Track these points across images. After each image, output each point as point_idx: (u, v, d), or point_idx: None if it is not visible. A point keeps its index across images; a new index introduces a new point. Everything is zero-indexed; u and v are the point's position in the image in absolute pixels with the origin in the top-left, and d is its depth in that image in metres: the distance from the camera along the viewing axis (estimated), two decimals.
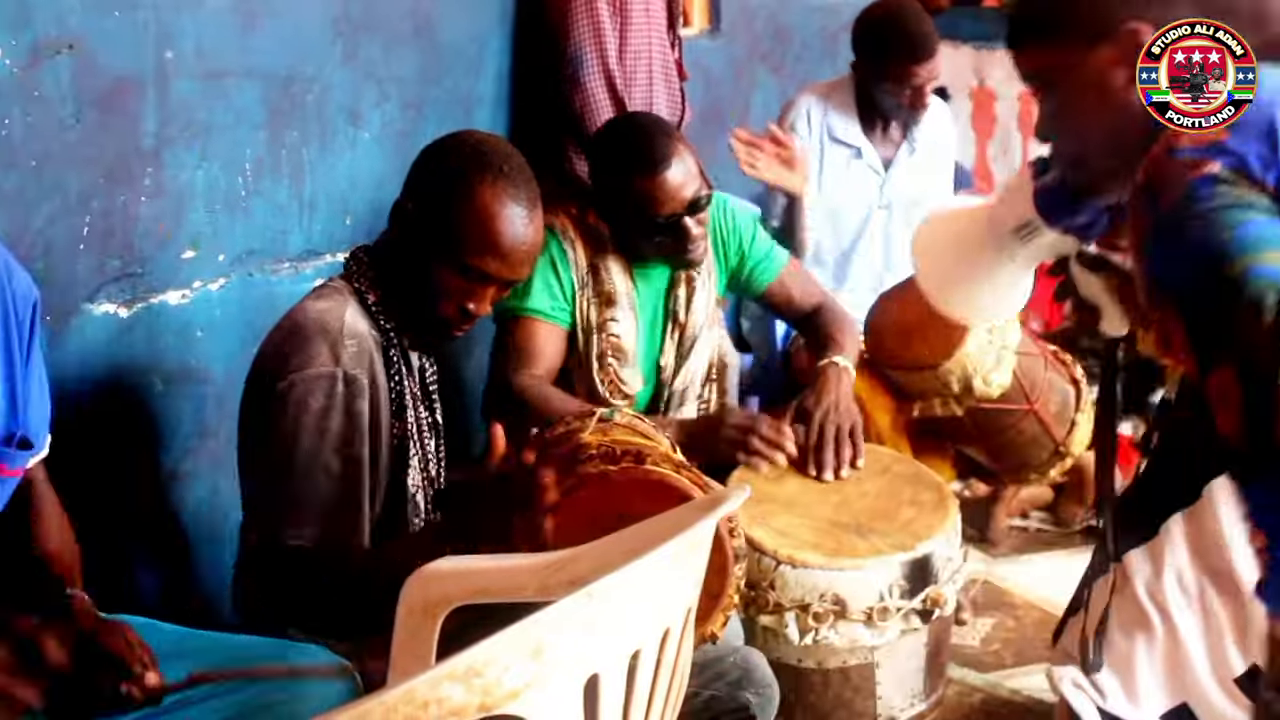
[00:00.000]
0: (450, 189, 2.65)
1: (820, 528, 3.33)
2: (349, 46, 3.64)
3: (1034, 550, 5.24)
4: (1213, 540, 3.19)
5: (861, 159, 4.84)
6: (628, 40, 4.34)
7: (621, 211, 3.54)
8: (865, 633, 3.23)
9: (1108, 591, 3.37)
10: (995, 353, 3.92)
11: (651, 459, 2.75)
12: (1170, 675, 3.24)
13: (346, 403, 2.57)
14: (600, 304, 3.59)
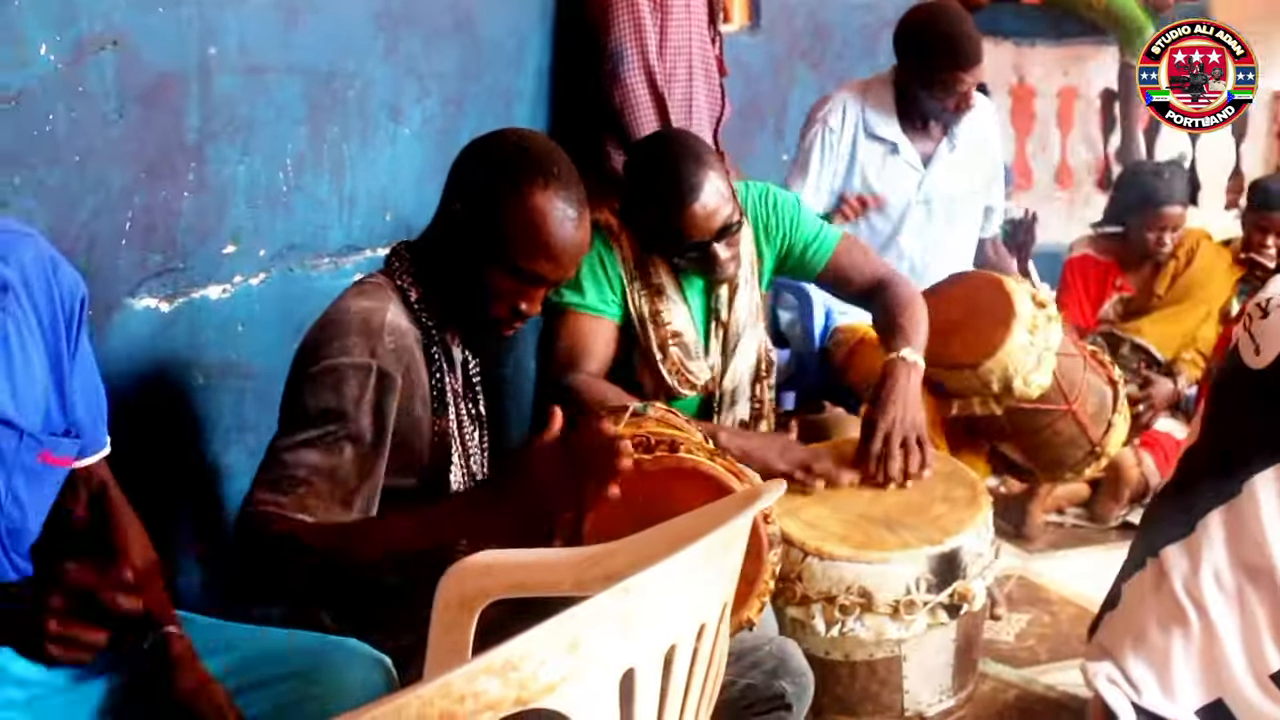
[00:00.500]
0: (501, 192, 2.65)
1: (850, 521, 3.33)
2: (390, 42, 3.65)
3: (1070, 546, 5.22)
4: (1252, 537, 3.19)
5: (899, 154, 4.81)
6: (668, 36, 4.34)
7: (649, 235, 3.55)
8: (891, 626, 3.22)
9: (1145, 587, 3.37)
10: (1037, 354, 3.90)
11: (685, 447, 2.76)
12: (1206, 671, 3.23)
13: (376, 396, 2.56)
14: (651, 295, 3.58)
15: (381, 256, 2.88)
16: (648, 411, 3.00)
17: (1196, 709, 3.25)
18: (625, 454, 2.29)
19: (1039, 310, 3.96)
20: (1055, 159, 8.16)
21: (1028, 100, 8.13)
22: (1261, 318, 3.26)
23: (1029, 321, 3.90)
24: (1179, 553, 3.31)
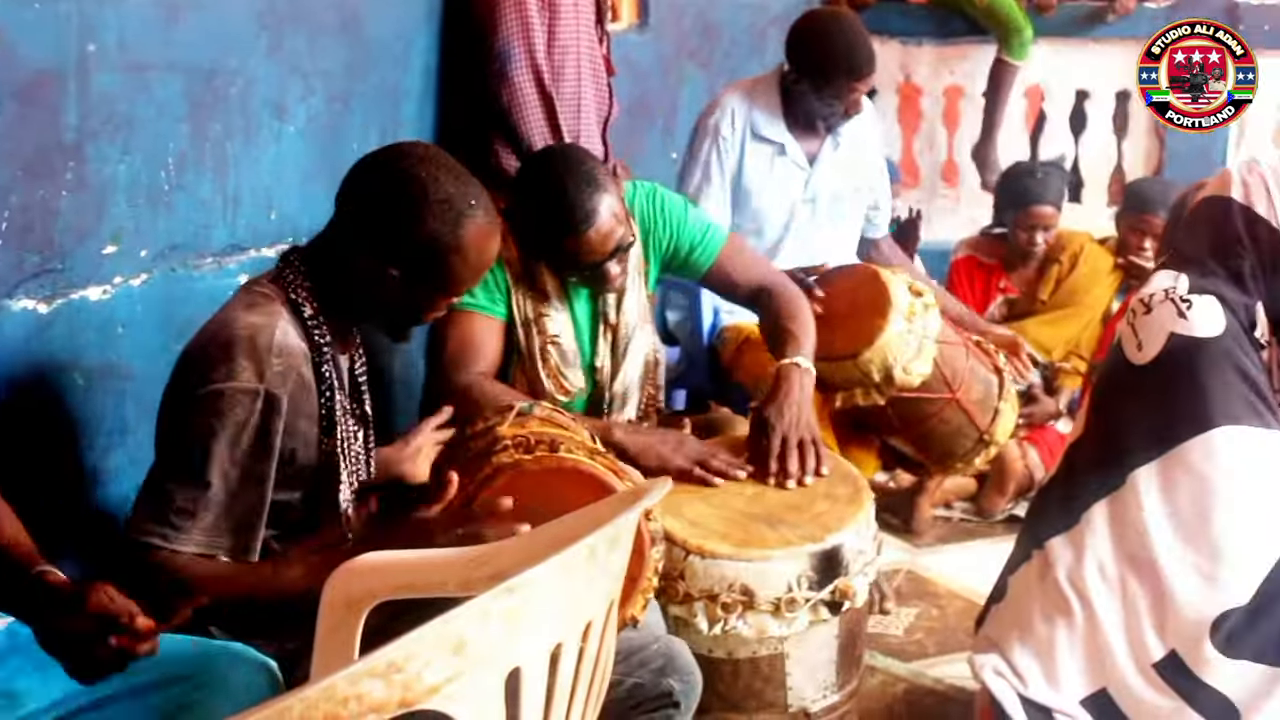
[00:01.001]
0: (442, 238, 2.66)
1: (732, 518, 3.34)
2: (273, 39, 3.61)
3: (957, 540, 5.28)
4: (1134, 529, 3.24)
5: (786, 155, 4.83)
6: (556, 35, 4.33)
7: (540, 251, 3.58)
8: (773, 623, 3.23)
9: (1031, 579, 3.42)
10: (916, 341, 3.95)
11: (566, 447, 2.77)
12: (1090, 661, 3.28)
13: (262, 421, 2.57)
14: (536, 300, 3.59)
15: (267, 256, 2.86)
16: (533, 411, 3.01)
17: (1081, 699, 3.29)
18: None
19: (915, 299, 4.01)
20: (942, 157, 8.22)
21: (914, 99, 8.19)
22: (1145, 313, 3.31)
23: (906, 310, 3.95)
24: (1063, 544, 3.36)
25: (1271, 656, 3.10)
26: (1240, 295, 3.26)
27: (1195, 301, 3.24)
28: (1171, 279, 3.31)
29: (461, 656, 1.63)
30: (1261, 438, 3.20)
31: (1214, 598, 3.16)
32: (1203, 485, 3.18)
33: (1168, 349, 3.25)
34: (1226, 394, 3.20)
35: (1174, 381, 3.24)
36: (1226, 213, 3.33)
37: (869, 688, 4.03)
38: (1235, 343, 3.22)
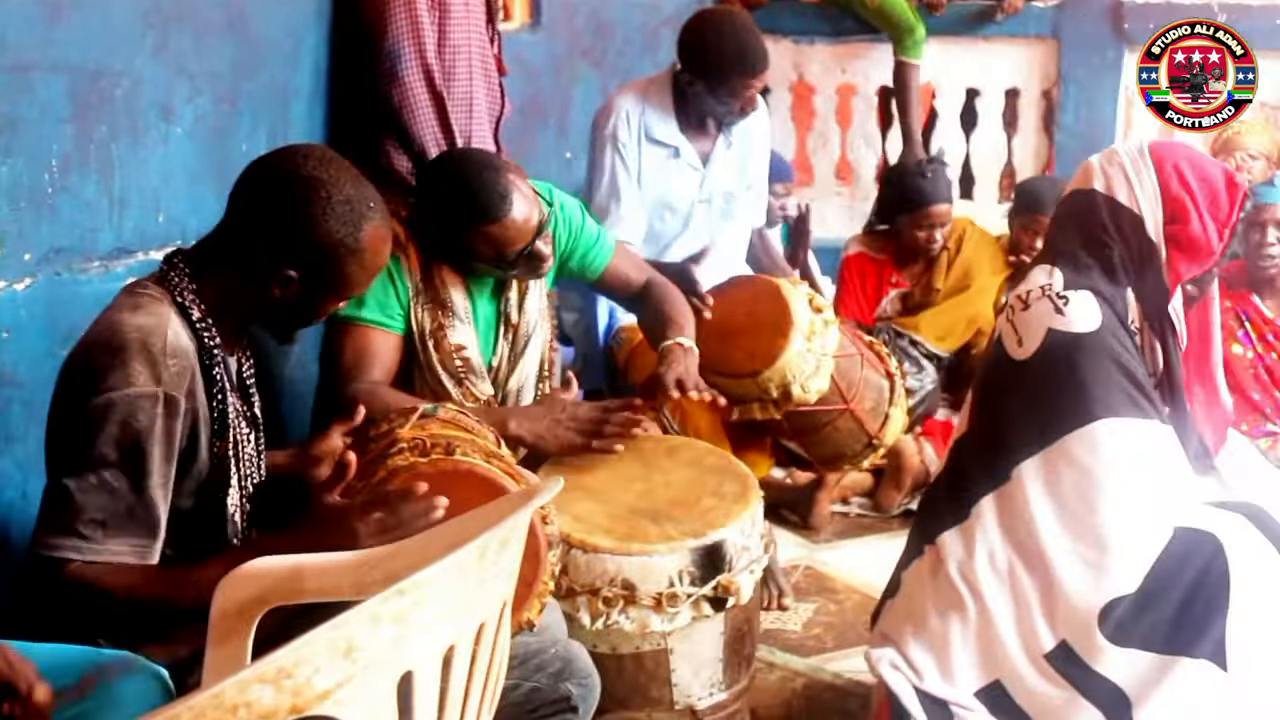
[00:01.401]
0: (340, 245, 2.66)
1: (617, 514, 3.34)
2: (159, 39, 3.56)
3: (854, 535, 5.30)
4: (1022, 522, 3.29)
5: (680, 157, 4.86)
6: (447, 35, 4.30)
7: (471, 256, 3.56)
8: (655, 618, 3.25)
9: (924, 574, 3.45)
10: (815, 360, 3.98)
11: (462, 450, 2.76)
12: (983, 653, 3.31)
13: (164, 425, 2.53)
14: (435, 311, 3.57)
15: (154, 260, 2.81)
16: (437, 413, 3.00)
17: (975, 691, 3.32)
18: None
19: (816, 316, 4.03)
20: (835, 155, 8.27)
21: (807, 97, 8.24)
22: (1023, 310, 3.36)
23: (807, 329, 3.97)
24: (954, 539, 3.39)
25: (1160, 644, 3.14)
26: (1112, 287, 3.33)
27: (1071, 297, 3.30)
28: (1047, 275, 3.37)
29: (352, 661, 1.62)
30: (1140, 428, 3.26)
31: (1102, 587, 3.20)
32: (1086, 477, 3.23)
33: (1047, 344, 3.30)
34: (1105, 387, 3.25)
35: (1054, 376, 3.29)
36: (1091, 205, 3.39)
37: (767, 683, 4.05)
38: (1112, 336, 3.28)
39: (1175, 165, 3.34)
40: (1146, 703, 3.13)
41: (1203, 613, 3.13)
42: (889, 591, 3.61)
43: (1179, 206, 3.30)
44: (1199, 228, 3.29)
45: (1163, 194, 3.32)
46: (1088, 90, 7.77)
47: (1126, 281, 3.34)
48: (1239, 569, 3.13)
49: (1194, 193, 3.30)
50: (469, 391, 3.60)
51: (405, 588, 1.65)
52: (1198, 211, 3.29)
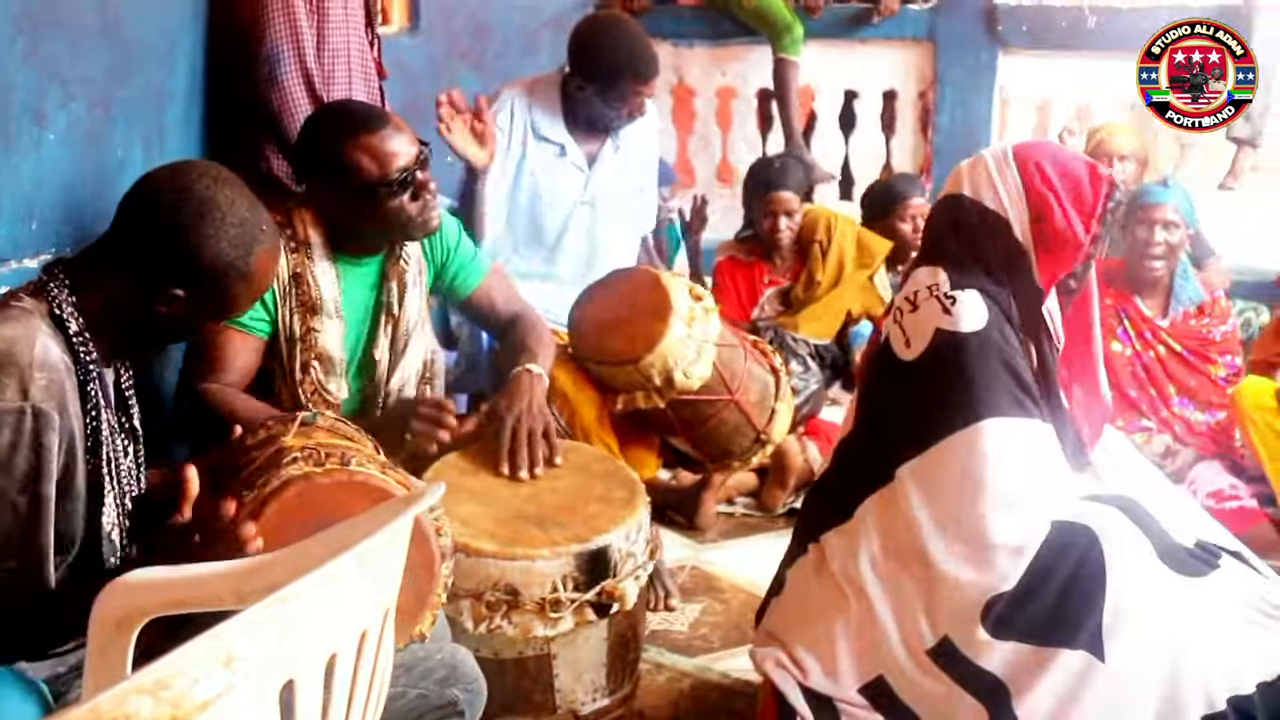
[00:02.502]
0: (232, 270, 2.64)
1: (503, 518, 3.35)
2: (30, 43, 3.51)
3: (739, 535, 5.31)
4: (904, 522, 3.32)
5: (565, 156, 4.88)
6: (326, 38, 4.30)
7: (352, 189, 3.51)
8: (539, 624, 3.26)
9: (808, 572, 3.47)
10: (695, 345, 3.99)
11: (358, 460, 2.75)
12: (866, 650, 3.34)
13: (34, 438, 2.45)
14: (304, 313, 3.55)
15: (29, 267, 2.76)
16: (317, 420, 2.98)
17: (859, 687, 3.35)
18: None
19: (696, 303, 4.05)
20: (716, 157, 8.34)
21: (688, 100, 8.29)
22: (911, 311, 3.38)
23: (686, 315, 3.99)
24: (837, 539, 3.42)
25: (1039, 636, 3.18)
26: (995, 285, 3.36)
27: (959, 297, 3.32)
28: (932, 275, 3.39)
29: (232, 670, 1.60)
30: (1023, 427, 3.30)
31: (983, 585, 3.23)
32: (968, 477, 3.26)
33: (934, 345, 3.32)
34: (992, 387, 3.29)
35: (941, 377, 3.32)
36: (960, 209, 3.44)
37: (655, 684, 4.05)
38: (999, 334, 3.31)
39: (1037, 163, 3.39)
40: (1026, 693, 3.17)
41: (1080, 605, 3.16)
42: (773, 590, 3.63)
43: (1043, 203, 3.35)
44: (1063, 222, 3.34)
45: (1027, 193, 3.37)
46: (963, 92, 7.88)
47: (1004, 282, 3.39)
48: (1114, 560, 3.17)
49: (1056, 188, 3.35)
50: (323, 397, 3.58)
51: (285, 595, 1.64)
52: (1061, 207, 3.34)
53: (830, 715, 3.34)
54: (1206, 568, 3.25)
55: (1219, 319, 5.41)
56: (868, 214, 6.30)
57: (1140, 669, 3.14)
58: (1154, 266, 5.26)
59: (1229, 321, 5.47)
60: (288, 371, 3.56)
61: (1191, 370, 5.34)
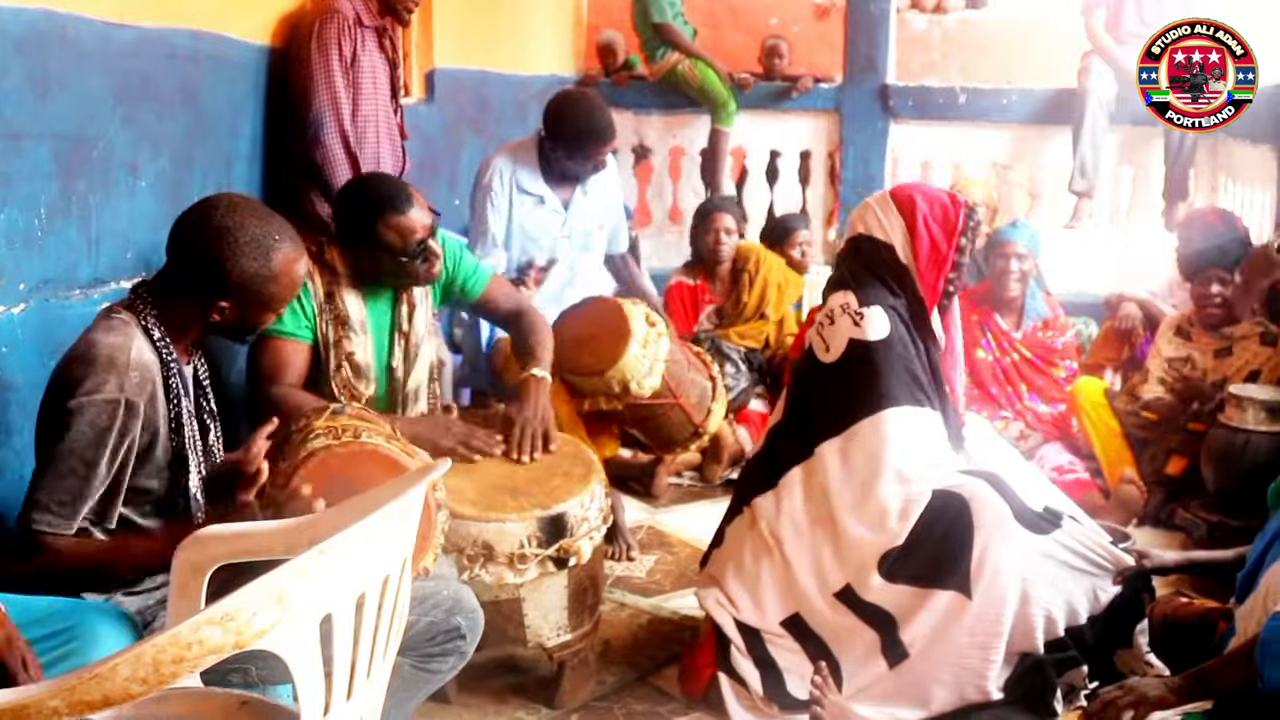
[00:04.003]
0: (263, 274, 2.65)
1: (482, 489, 3.34)
2: (129, 112, 3.51)
3: (686, 501, 5.31)
4: (819, 489, 3.34)
5: (545, 204, 4.89)
6: (359, 107, 4.31)
7: (378, 252, 3.52)
8: (509, 574, 3.24)
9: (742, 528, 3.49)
10: (648, 363, 4.00)
11: (368, 434, 2.76)
12: (786, 591, 3.36)
13: (124, 424, 2.54)
14: (337, 324, 3.54)
15: (125, 288, 2.76)
16: (345, 410, 2.99)
17: (780, 621, 3.36)
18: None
19: (650, 328, 4.06)
20: (669, 202, 8.33)
21: (646, 157, 8.29)
22: (830, 324, 3.43)
23: (643, 338, 4.00)
24: (767, 501, 3.44)
25: (921, 579, 3.21)
26: (894, 299, 3.40)
27: (866, 313, 3.38)
28: (844, 297, 3.44)
29: (284, 606, 1.62)
30: (917, 415, 3.35)
31: (879, 542, 3.27)
32: (873, 455, 3.30)
33: (848, 351, 3.38)
34: (894, 383, 3.33)
35: (854, 375, 3.36)
36: (860, 247, 3.47)
37: (619, 619, 4.07)
38: (899, 341, 3.37)
39: (909, 196, 3.46)
40: (909, 623, 3.20)
41: (952, 554, 3.19)
42: (714, 542, 3.64)
43: (914, 225, 3.41)
44: (927, 238, 3.40)
45: (905, 221, 3.42)
46: (863, 152, 7.89)
47: (902, 297, 3.42)
48: (980, 520, 3.20)
49: (923, 211, 3.42)
50: (351, 391, 3.56)
51: (325, 548, 1.66)
52: (928, 229, 3.40)
53: (758, 642, 3.37)
54: (1051, 527, 3.28)
55: (1060, 331, 5.44)
56: (766, 242, 6.33)
57: (997, 604, 3.17)
58: (1011, 288, 5.29)
59: (1068, 334, 5.50)
60: (327, 371, 3.55)
61: (1039, 372, 5.37)
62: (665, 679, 3.68)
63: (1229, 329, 5.04)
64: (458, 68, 6.39)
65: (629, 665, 3.78)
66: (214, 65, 3.99)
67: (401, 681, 2.75)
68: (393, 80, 4.52)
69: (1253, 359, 4.96)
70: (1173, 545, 4.58)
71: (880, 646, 3.23)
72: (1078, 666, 3.26)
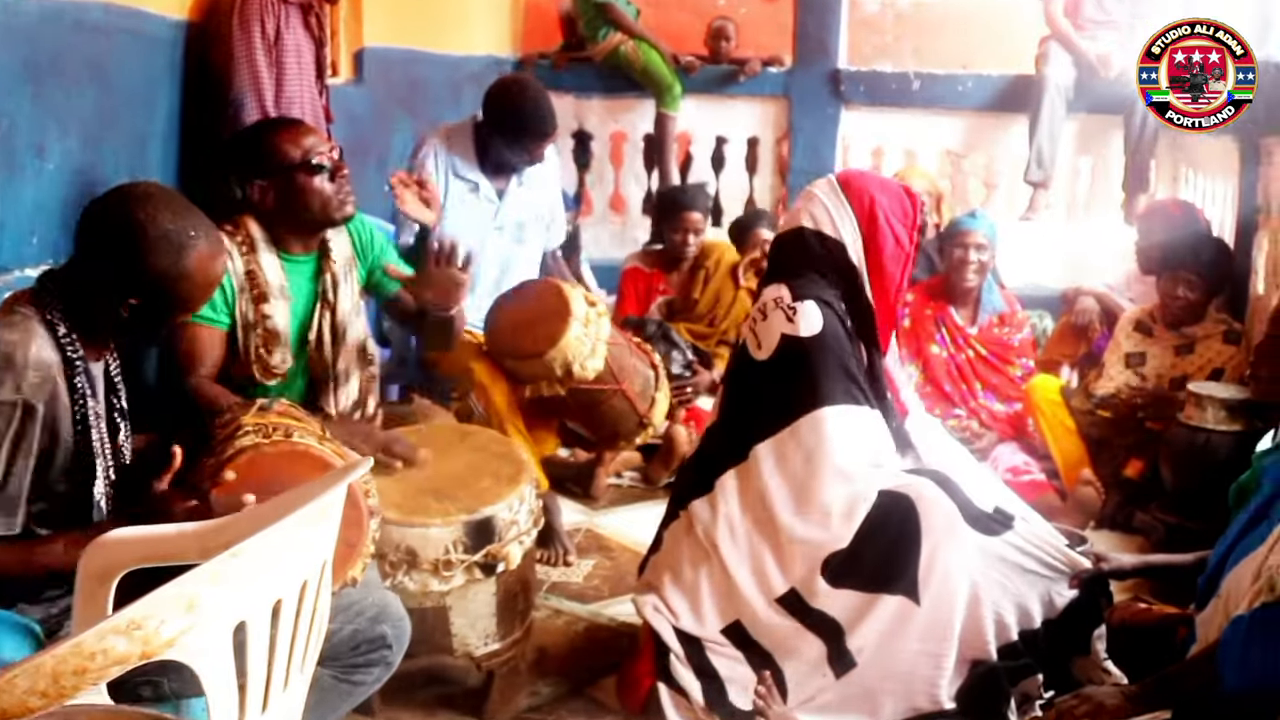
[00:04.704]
0: (176, 273, 2.57)
1: (407, 492, 3.32)
2: (35, 89, 3.46)
3: (626, 503, 5.31)
4: (756, 492, 3.35)
5: (479, 192, 4.86)
6: (283, 87, 4.28)
7: (282, 178, 3.49)
8: (434, 580, 3.23)
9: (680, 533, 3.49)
10: (590, 343, 4.00)
11: (299, 433, 2.73)
12: (725, 598, 3.36)
13: (21, 428, 2.47)
14: (257, 301, 3.50)
15: (30, 276, 2.71)
16: (273, 405, 2.95)
17: (721, 629, 3.37)
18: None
19: (590, 308, 4.07)
20: (610, 190, 8.33)
21: (587, 143, 8.27)
22: (762, 320, 3.43)
23: (584, 317, 4.00)
24: (702, 506, 3.44)
25: (867, 584, 3.22)
26: (833, 292, 3.41)
27: (799, 307, 3.38)
28: (777, 290, 3.44)
29: (194, 613, 1.60)
30: (855, 413, 3.35)
31: (822, 544, 3.28)
32: (811, 455, 3.31)
33: (781, 347, 3.38)
34: (829, 381, 3.34)
35: (787, 373, 3.37)
36: (803, 239, 3.48)
37: (555, 626, 4.06)
38: (834, 338, 3.38)
39: (862, 188, 3.47)
40: (856, 629, 3.21)
41: (900, 559, 3.21)
42: (653, 547, 3.64)
43: (872, 220, 3.42)
44: (890, 236, 3.41)
45: (857, 215, 3.43)
46: (813, 139, 7.93)
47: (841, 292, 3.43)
48: (927, 521, 3.22)
49: (880, 205, 3.43)
50: (267, 367, 3.53)
51: (238, 551, 1.64)
52: (888, 223, 3.42)
53: (698, 651, 3.36)
54: (1002, 528, 3.31)
55: (1016, 328, 5.49)
56: (732, 239, 6.34)
57: (947, 610, 3.19)
58: (970, 279, 5.31)
59: (1025, 330, 5.55)
60: (244, 351, 3.51)
61: (994, 370, 5.40)
62: (603, 690, 3.67)
63: (1191, 328, 5.10)
64: (388, 46, 6.34)
65: (564, 675, 3.77)
66: (128, 40, 3.93)
67: (322, 693, 2.72)
68: (318, 59, 4.49)
69: (1215, 357, 5.03)
70: (1131, 548, 4.63)
71: (826, 655, 3.24)
72: (1033, 675, 3.29)
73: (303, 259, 3.61)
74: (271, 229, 3.55)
